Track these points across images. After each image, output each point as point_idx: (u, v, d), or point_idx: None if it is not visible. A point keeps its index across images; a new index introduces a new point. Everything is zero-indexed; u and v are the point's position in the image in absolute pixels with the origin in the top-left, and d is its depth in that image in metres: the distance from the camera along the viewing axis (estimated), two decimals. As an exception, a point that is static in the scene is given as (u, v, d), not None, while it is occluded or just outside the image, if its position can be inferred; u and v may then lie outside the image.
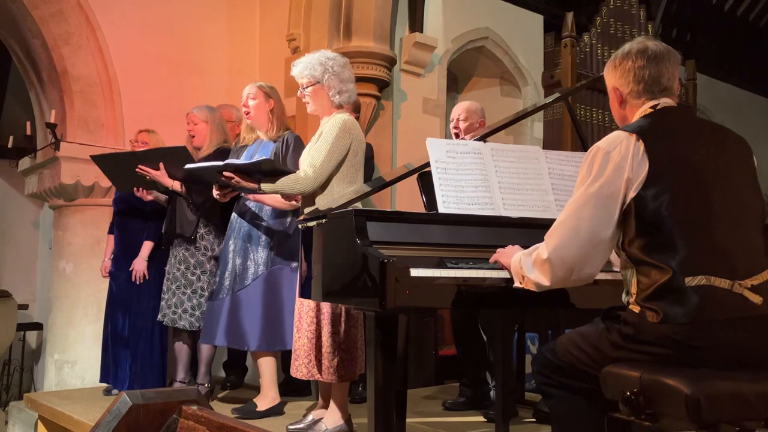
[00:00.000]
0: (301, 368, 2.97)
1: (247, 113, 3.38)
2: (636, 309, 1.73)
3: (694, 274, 1.67)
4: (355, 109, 4.04)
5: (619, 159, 1.74)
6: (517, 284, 1.97)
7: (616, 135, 1.80)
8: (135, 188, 3.83)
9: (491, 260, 2.10)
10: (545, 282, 1.83)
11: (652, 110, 1.87)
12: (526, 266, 1.88)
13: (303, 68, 2.97)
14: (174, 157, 3.54)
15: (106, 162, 3.83)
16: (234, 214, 3.46)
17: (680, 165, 1.75)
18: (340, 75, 2.95)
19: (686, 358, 1.67)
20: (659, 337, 1.68)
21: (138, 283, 3.90)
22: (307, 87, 2.98)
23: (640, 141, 1.74)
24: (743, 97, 9.03)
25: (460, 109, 3.71)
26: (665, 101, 1.89)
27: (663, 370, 1.65)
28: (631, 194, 1.74)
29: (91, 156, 3.90)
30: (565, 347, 1.85)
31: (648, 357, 1.70)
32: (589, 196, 1.76)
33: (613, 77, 1.93)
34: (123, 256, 3.99)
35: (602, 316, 1.83)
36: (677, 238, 1.70)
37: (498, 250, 2.10)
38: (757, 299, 1.68)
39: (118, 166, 3.80)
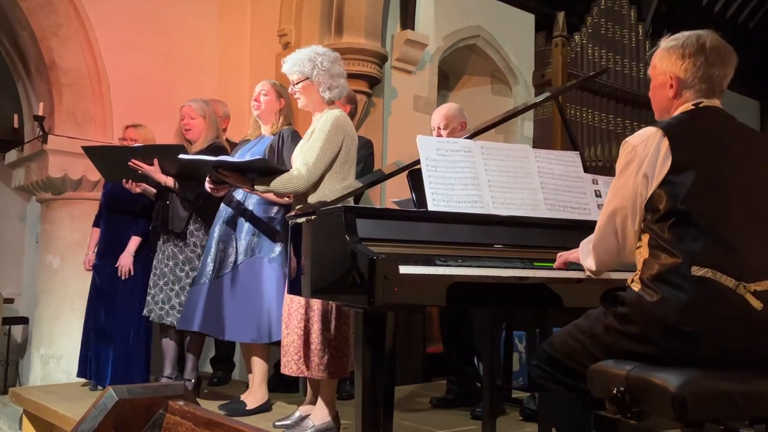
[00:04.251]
0: (290, 364, 2.96)
1: (257, 107, 3.37)
2: (636, 287, 1.77)
3: (701, 265, 1.69)
4: (350, 101, 4.01)
5: (642, 153, 1.80)
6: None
7: (645, 130, 1.85)
8: (123, 180, 3.80)
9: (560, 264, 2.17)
10: (593, 267, 1.96)
11: (693, 107, 1.88)
12: (583, 253, 2.01)
13: (292, 64, 2.96)
14: (170, 155, 3.52)
15: (97, 154, 3.80)
16: (223, 202, 3.44)
17: (704, 164, 1.77)
18: (329, 70, 2.94)
19: (674, 347, 1.68)
20: (651, 320, 1.70)
21: (123, 278, 3.87)
22: (297, 83, 2.97)
23: (665, 138, 1.77)
24: (732, 100, 9.07)
25: (438, 118, 3.55)
26: (710, 102, 1.88)
27: (650, 368, 1.66)
28: (653, 186, 1.78)
29: (82, 147, 3.86)
30: (562, 338, 1.91)
31: (637, 345, 1.73)
32: (617, 188, 1.86)
33: (676, 66, 1.89)
34: (108, 249, 3.94)
35: (601, 297, 1.91)
36: (693, 231, 1.72)
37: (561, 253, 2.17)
38: (757, 304, 1.69)
39: (111, 159, 3.76)
